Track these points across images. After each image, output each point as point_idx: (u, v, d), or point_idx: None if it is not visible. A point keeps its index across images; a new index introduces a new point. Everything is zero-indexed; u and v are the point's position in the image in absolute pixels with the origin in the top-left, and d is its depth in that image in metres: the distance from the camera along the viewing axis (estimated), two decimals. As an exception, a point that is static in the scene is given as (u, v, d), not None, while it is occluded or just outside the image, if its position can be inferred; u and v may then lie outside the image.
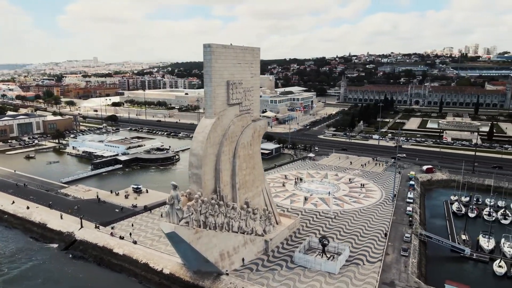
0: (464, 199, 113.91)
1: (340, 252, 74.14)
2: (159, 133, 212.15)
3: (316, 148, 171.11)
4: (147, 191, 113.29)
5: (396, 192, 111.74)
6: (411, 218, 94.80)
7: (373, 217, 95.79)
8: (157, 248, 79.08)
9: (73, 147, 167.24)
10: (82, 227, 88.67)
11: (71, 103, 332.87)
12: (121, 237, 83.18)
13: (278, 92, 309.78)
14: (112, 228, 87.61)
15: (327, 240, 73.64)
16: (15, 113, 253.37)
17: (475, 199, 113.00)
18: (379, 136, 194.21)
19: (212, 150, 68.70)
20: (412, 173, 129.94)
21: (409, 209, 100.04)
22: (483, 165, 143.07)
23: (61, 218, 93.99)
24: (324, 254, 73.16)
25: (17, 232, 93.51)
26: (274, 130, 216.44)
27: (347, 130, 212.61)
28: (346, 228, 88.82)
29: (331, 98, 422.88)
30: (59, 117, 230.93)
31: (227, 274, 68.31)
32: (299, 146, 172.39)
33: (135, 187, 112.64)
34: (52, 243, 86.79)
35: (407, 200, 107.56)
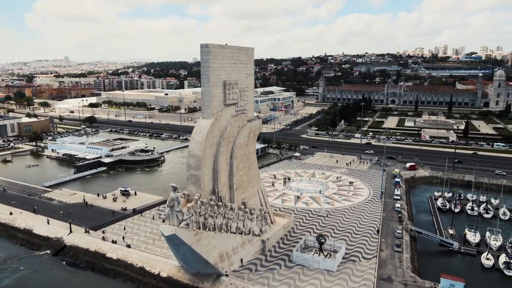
0: (447, 195, 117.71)
1: (337, 250, 75.18)
2: (141, 134, 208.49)
3: (304, 147, 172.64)
4: (136, 194, 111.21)
5: (383, 190, 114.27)
6: (400, 215, 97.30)
7: (364, 214, 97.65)
8: (152, 251, 77.73)
9: (53, 149, 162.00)
10: (71, 232, 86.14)
11: (45, 104, 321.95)
12: (113, 241, 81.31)
13: (259, 92, 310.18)
14: (103, 232, 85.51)
15: (324, 238, 74.48)
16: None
17: (458, 195, 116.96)
18: (361, 135, 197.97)
19: (210, 151, 68.24)
20: (396, 170, 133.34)
21: (397, 205, 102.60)
22: (451, 161, 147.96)
23: (48, 223, 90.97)
24: (321, 252, 73.98)
25: (0, 239, 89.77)
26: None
27: (329, 129, 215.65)
28: (339, 226, 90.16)
29: (309, 98, 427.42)
30: (34, 119, 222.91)
31: (227, 275, 68.00)
32: (284, 145, 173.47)
33: (123, 189, 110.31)
34: (40, 250, 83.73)
35: (394, 197, 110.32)
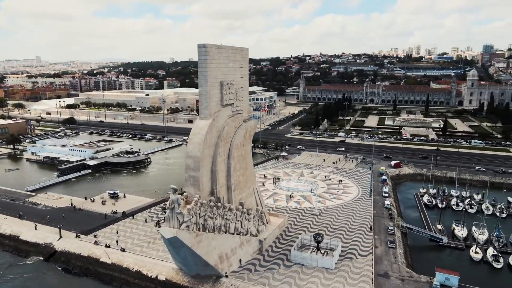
0: (432, 191, 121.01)
1: (333, 248, 76.07)
2: (124, 135, 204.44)
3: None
4: (125, 196, 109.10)
5: (371, 188, 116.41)
6: (390, 211, 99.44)
7: (355, 212, 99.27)
8: (148, 254, 76.54)
9: (32, 152, 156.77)
10: (61, 237, 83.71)
11: (20, 106, 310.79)
12: (107, 245, 79.55)
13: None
14: (95, 237, 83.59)
15: (321, 237, 75.24)
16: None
17: (442, 191, 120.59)
18: (345, 134, 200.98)
19: (208, 152, 67.83)
20: (382, 168, 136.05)
21: (387, 202, 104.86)
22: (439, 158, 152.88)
23: (36, 228, 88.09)
24: (319, 250, 74.73)
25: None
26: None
27: (312, 128, 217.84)
28: (333, 224, 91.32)
29: (290, 98, 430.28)
30: (10, 121, 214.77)
31: (227, 276, 67.75)
32: (270, 145, 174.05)
33: (111, 192, 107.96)
34: (29, 256, 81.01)
35: (383, 195, 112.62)
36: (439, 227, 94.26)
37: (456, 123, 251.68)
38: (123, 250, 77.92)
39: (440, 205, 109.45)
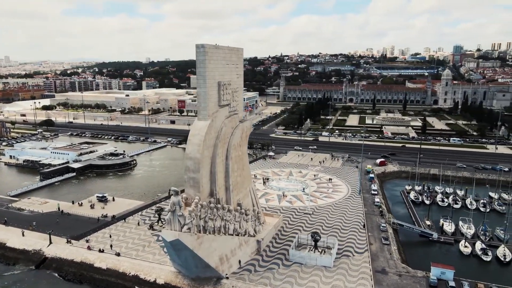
0: (417, 188, 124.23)
1: (330, 246, 76.91)
2: (105, 137, 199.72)
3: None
4: (114, 200, 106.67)
5: (360, 186, 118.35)
6: (381, 209, 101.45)
7: (347, 210, 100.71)
8: (144, 258, 75.21)
9: (11, 156, 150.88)
10: (51, 243, 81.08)
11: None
12: (101, 250, 77.66)
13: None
14: (87, 241, 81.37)
15: (319, 236, 75.97)
16: None
17: (427, 188, 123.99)
18: (329, 133, 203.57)
19: (207, 153, 67.26)
20: (369, 166, 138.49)
21: (377, 200, 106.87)
22: (415, 156, 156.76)
23: (23, 235, 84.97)
24: (316, 249, 75.42)
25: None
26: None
27: (296, 128, 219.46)
28: (327, 223, 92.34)
29: (270, 97, 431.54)
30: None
31: (227, 278, 67.41)
32: (256, 145, 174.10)
33: (100, 196, 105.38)
34: (17, 264, 78.14)
35: (372, 192, 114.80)
36: (428, 223, 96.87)
37: (434, 121, 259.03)
38: (118, 254, 76.22)
39: (426, 202, 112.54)
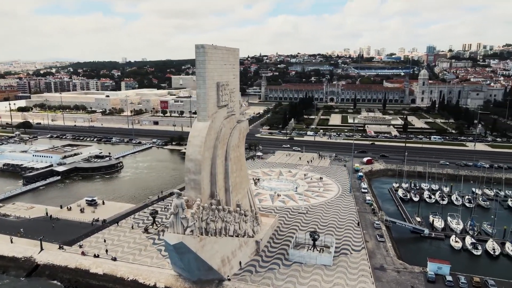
0: (404, 185, 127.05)
1: (327, 245, 77.66)
2: (87, 139, 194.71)
3: (264, 146, 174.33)
4: (104, 203, 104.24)
5: (351, 184, 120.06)
6: (373, 207, 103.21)
7: (340, 208, 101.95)
8: (142, 262, 73.82)
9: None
10: (42, 249, 78.48)
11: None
12: (95, 255, 75.74)
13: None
14: (80, 247, 79.18)
15: (317, 235, 76.55)
16: None
17: (414, 185, 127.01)
18: (314, 133, 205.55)
19: (208, 154, 66.68)
20: (357, 165, 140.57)
21: (368, 198, 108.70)
22: (399, 154, 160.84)
23: (11, 242, 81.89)
24: (315, 248, 76.00)
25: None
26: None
27: (281, 128, 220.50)
28: (322, 221, 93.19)
29: (252, 97, 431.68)
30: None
31: (229, 280, 67.07)
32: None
33: (89, 199, 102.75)
34: (7, 272, 75.20)
35: (362, 191, 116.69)
36: (418, 219, 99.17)
37: (413, 120, 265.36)
38: (114, 259, 74.56)
39: (414, 199, 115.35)
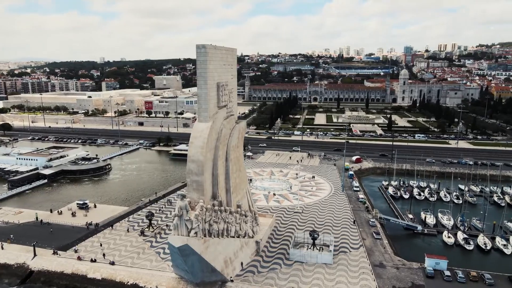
0: (393, 183, 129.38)
1: (326, 243, 78.28)
2: (71, 141, 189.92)
3: (253, 146, 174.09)
4: (95, 206, 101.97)
5: (343, 183, 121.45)
6: (366, 205, 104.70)
7: (335, 207, 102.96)
8: (141, 265, 72.64)
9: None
10: (35, 255, 76.17)
11: None
12: (92, 260, 74.06)
13: (191, 93, 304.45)
14: (76, 252, 77.32)
15: (317, 234, 77.05)
16: None
17: (402, 182, 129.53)
18: (301, 132, 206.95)
19: (210, 155, 66.22)
20: (347, 164, 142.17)
21: (361, 196, 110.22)
22: (386, 152, 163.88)
23: (2, 248, 79.22)
24: (315, 247, 76.50)
25: None
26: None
27: (267, 128, 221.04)
28: (318, 220, 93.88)
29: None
30: None
31: (232, 281, 66.80)
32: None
33: (80, 203, 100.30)
34: (0, 279, 72.56)
35: (354, 189, 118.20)
36: (410, 216, 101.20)
37: (396, 119, 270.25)
38: (112, 263, 73.09)
39: (405, 196, 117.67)
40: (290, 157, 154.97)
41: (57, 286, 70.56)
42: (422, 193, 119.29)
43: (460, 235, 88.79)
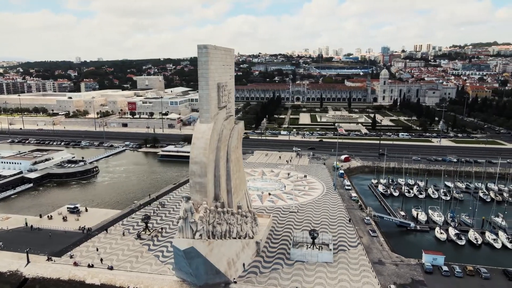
0: (382, 181, 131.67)
1: (325, 242, 78.93)
2: (54, 143, 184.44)
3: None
4: (87, 210, 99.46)
5: (335, 182, 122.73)
6: (359, 203, 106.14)
7: (329, 206, 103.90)
8: (141, 269, 71.30)
9: None
10: (29, 262, 73.70)
11: None
12: (90, 265, 72.25)
13: (175, 93, 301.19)
14: (71, 257, 75.23)
15: (317, 233, 77.56)
16: None
17: (391, 180, 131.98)
18: (288, 132, 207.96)
19: (212, 156, 65.74)
20: (337, 163, 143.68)
21: (354, 195, 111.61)
22: (373, 151, 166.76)
23: (-8, 255, 76.18)
24: (314, 246, 77.00)
25: None
26: (183, 132, 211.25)
27: (254, 128, 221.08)
28: (314, 220, 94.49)
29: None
30: None
31: (235, 282, 66.47)
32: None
33: (71, 207, 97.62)
34: (-8, 289, 69.90)
35: (345, 188, 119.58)
36: (402, 213, 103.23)
37: (378, 118, 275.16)
38: (111, 268, 71.47)
39: (394, 194, 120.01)
40: (280, 157, 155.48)
41: (53, 293, 68.49)
42: (411, 191, 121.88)
43: (452, 231, 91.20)
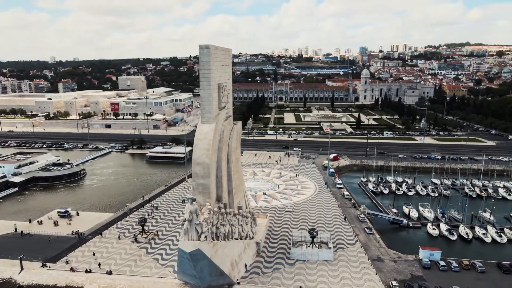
0: (371, 179, 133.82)
1: (324, 241, 79.60)
2: (35, 146, 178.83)
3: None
4: (78, 214, 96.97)
5: (327, 181, 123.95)
6: (353, 201, 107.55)
7: (323, 205, 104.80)
8: (141, 273, 70.10)
9: None
10: (22, 269, 71.31)
11: None
12: (87, 270, 70.52)
13: (158, 93, 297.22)
14: (67, 263, 73.21)
15: (316, 232, 78.12)
16: None
17: (380, 178, 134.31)
18: (274, 132, 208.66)
19: (214, 157, 65.26)
20: (326, 162, 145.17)
21: (346, 193, 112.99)
22: (359, 150, 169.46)
23: (-18, 263, 73.28)
24: (313, 244, 77.57)
25: None
26: (169, 133, 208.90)
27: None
28: (310, 219, 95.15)
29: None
30: None
31: (239, 283, 66.27)
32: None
33: (62, 211, 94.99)
34: (-16, 298, 67.26)
35: (337, 186, 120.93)
36: (394, 210, 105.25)
37: (361, 117, 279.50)
38: (109, 273, 69.96)
39: (384, 191, 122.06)
40: (269, 157, 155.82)
41: (51, 300, 66.52)
42: (400, 188, 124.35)
43: (443, 227, 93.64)
